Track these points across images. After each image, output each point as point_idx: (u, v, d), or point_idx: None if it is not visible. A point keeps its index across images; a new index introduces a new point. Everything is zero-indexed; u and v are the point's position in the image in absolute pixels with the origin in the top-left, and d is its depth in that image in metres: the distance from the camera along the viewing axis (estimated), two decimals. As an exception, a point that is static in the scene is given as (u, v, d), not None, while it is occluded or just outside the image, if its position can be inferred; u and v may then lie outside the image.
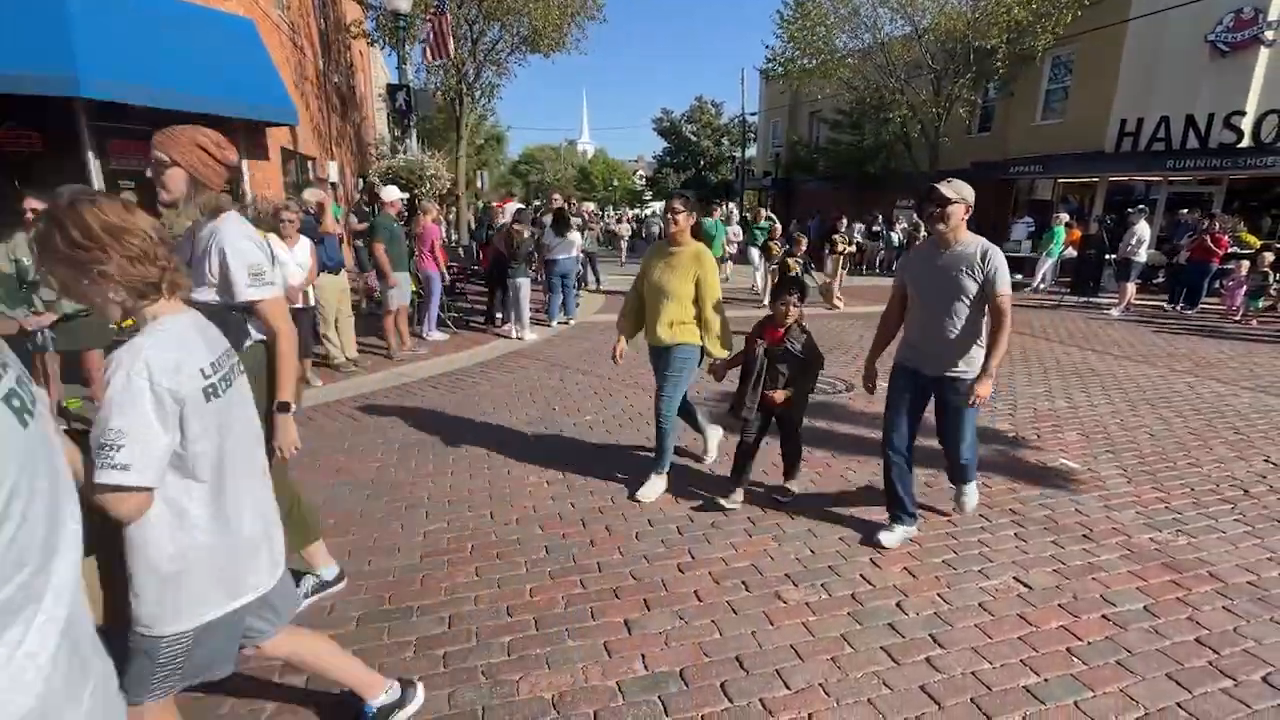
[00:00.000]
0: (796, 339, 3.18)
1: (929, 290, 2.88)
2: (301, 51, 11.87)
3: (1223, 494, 3.69)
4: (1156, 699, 2.12)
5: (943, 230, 2.75)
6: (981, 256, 2.71)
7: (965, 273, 2.73)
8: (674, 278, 3.35)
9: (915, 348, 2.99)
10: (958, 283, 2.75)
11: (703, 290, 3.33)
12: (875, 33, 16.85)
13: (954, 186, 2.72)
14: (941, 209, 2.71)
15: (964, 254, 2.75)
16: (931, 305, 2.86)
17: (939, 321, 2.83)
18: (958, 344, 2.82)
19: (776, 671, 2.23)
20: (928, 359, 2.92)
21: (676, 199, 3.38)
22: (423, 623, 2.47)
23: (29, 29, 6.20)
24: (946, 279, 2.78)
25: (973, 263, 2.72)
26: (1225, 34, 12.88)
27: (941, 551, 3.03)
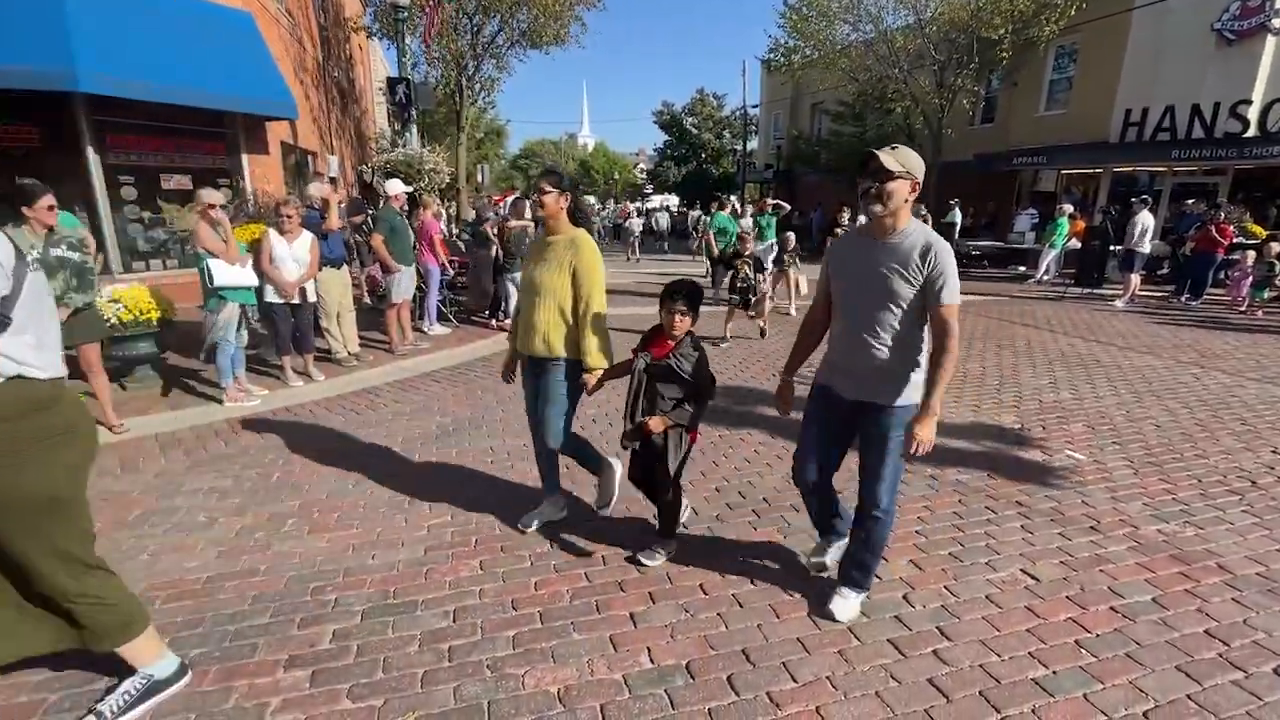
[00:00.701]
0: (686, 357, 2.55)
1: (854, 291, 2.23)
2: (301, 45, 11.81)
3: (1230, 485, 3.67)
4: (1166, 691, 2.10)
5: (879, 213, 2.08)
6: (923, 254, 2.06)
7: (900, 273, 2.09)
8: (546, 271, 2.75)
9: (834, 365, 2.38)
10: (889, 285, 2.10)
11: (578, 285, 2.71)
12: (877, 23, 16.72)
13: (898, 155, 2.05)
14: (880, 185, 2.05)
15: (901, 248, 2.10)
16: (855, 312, 2.23)
17: (863, 334, 2.18)
18: (886, 366, 2.18)
19: (783, 664, 2.21)
20: (848, 381, 2.30)
21: (545, 177, 2.78)
22: (427, 617, 2.46)
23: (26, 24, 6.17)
24: (876, 279, 2.13)
25: (910, 260, 2.07)
26: (1232, 22, 12.74)
27: (947, 544, 3.01)
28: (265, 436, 4.30)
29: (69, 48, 6.16)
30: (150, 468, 3.80)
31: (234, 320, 4.64)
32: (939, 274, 2.05)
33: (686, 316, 2.56)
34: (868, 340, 2.18)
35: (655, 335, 2.66)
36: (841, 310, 2.32)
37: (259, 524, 3.16)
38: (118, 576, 1.96)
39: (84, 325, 4.03)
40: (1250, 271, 9.92)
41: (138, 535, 3.03)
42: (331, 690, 2.08)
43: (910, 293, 2.10)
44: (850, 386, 2.30)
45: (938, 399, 2.10)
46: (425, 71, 15.42)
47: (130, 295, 4.83)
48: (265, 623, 2.41)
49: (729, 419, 4.68)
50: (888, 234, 2.14)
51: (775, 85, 26.25)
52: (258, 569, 2.77)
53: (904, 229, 2.12)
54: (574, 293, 2.73)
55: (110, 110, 7.09)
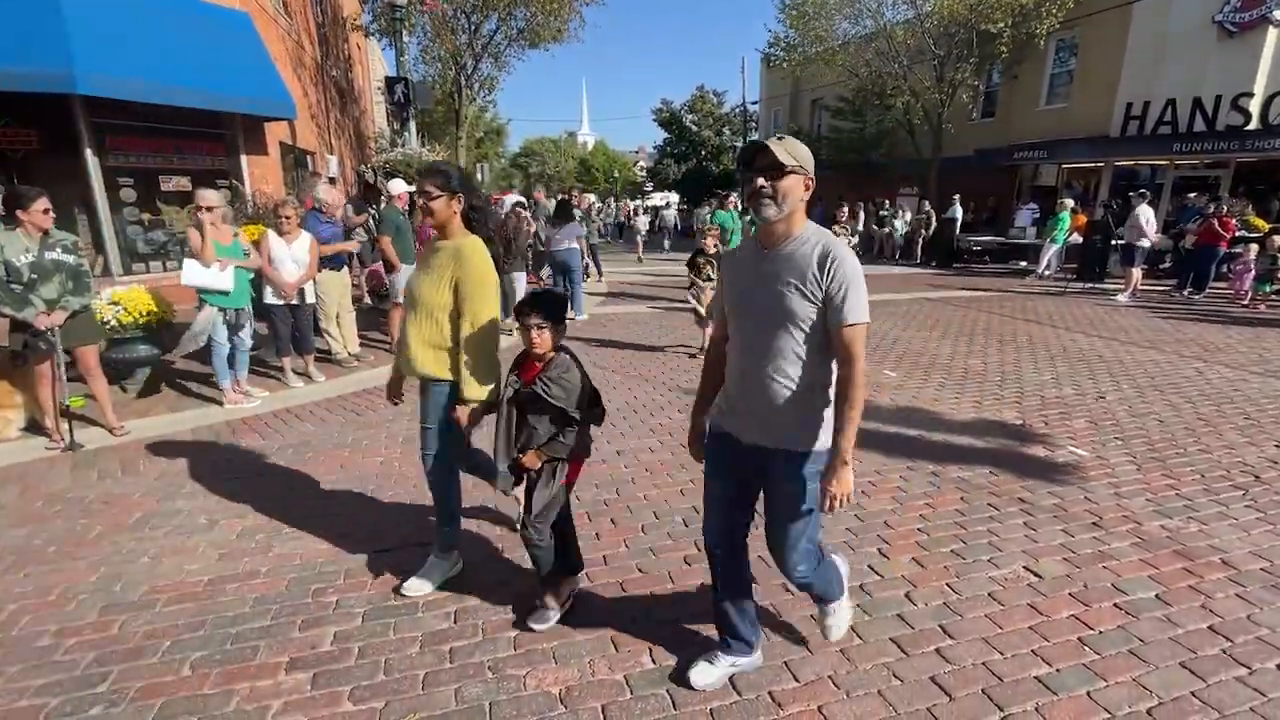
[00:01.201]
0: (555, 380, 2.18)
1: (746, 312, 1.85)
2: (299, 44, 11.78)
3: (1234, 480, 3.66)
4: (1170, 688, 2.09)
5: (774, 216, 1.71)
6: (821, 262, 1.70)
7: (798, 288, 1.72)
8: (425, 284, 2.40)
9: (731, 404, 1.95)
10: (785, 304, 1.73)
11: (460, 300, 2.33)
12: (877, 18, 16.67)
13: (790, 147, 1.70)
14: (772, 182, 1.68)
15: (796, 258, 1.73)
16: (750, 337, 1.84)
17: (761, 364, 1.80)
18: (790, 403, 1.79)
19: (785, 664, 2.21)
20: (746, 422, 1.89)
21: (429, 178, 2.37)
22: (428, 618, 2.45)
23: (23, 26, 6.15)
24: (770, 297, 1.76)
25: (807, 272, 1.71)
26: (1233, 14, 12.68)
27: (949, 541, 3.00)
28: (266, 438, 4.30)
29: (67, 49, 6.14)
30: (151, 470, 3.80)
31: (212, 323, 4.56)
32: (840, 286, 1.68)
33: (545, 330, 2.18)
34: (766, 371, 1.79)
35: (525, 357, 2.28)
36: (735, 336, 1.90)
37: (260, 526, 3.15)
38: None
39: (81, 328, 4.03)
40: (1252, 265, 9.89)
41: (138, 538, 3.03)
42: (333, 692, 2.08)
43: (812, 312, 1.72)
44: (749, 429, 1.89)
45: (849, 443, 1.72)
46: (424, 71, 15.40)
47: (129, 297, 4.82)
48: (266, 625, 2.41)
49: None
50: (780, 242, 1.76)
51: (775, 81, 26.20)
52: (259, 571, 2.76)
53: (798, 235, 1.76)
54: (455, 308, 2.36)
55: (109, 112, 7.08)
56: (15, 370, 4.05)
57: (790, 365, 1.77)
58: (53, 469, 3.79)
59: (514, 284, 7.36)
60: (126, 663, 2.20)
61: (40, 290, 3.78)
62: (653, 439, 4.27)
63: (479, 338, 2.35)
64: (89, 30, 6.44)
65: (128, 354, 4.93)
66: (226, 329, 4.62)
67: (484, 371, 2.38)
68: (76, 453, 3.99)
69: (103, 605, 2.52)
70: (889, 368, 6.04)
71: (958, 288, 11.62)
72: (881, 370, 5.94)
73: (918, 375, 5.80)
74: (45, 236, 3.82)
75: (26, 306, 3.73)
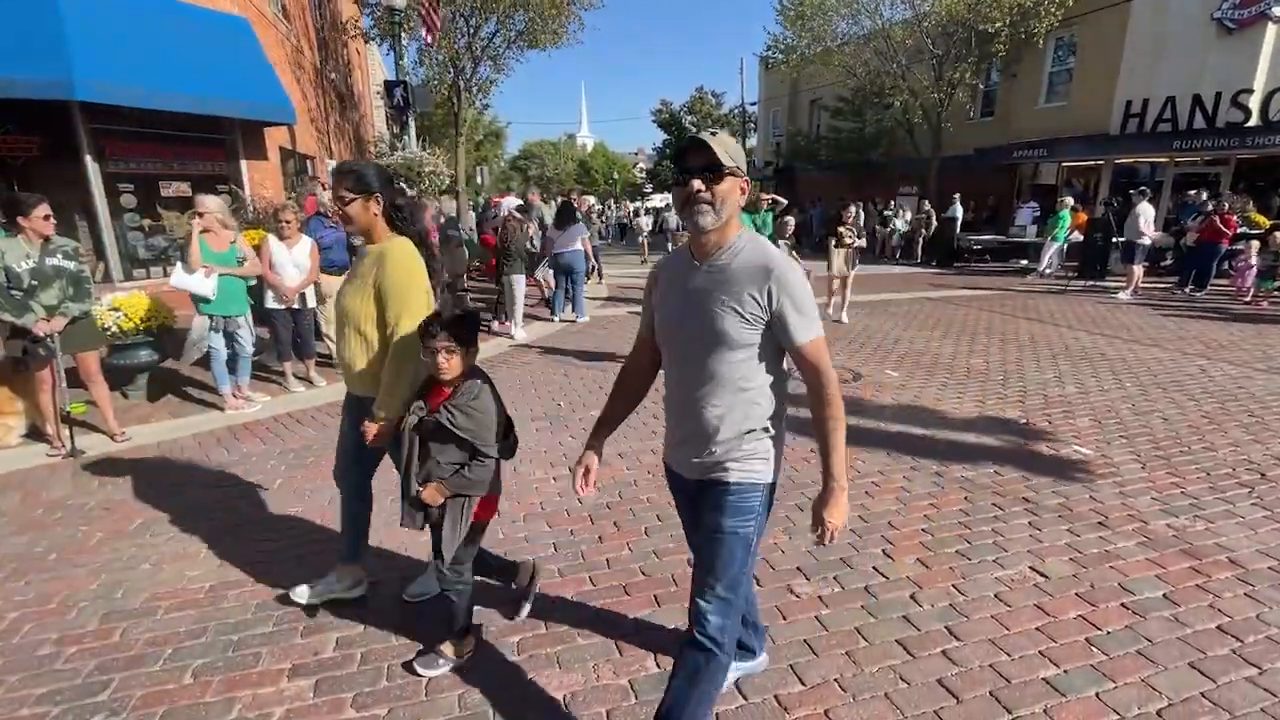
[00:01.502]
0: (461, 407, 1.97)
1: (676, 333, 1.64)
2: (298, 49, 11.80)
3: (1239, 478, 3.64)
4: (1180, 689, 2.08)
5: (710, 225, 1.51)
6: (759, 280, 1.49)
7: (732, 308, 1.51)
8: (350, 293, 2.22)
9: (670, 434, 1.78)
10: (717, 324, 1.52)
11: (384, 308, 2.14)
12: (875, 18, 16.67)
13: (725, 144, 1.48)
14: (710, 186, 1.48)
15: (730, 273, 1.53)
16: (680, 359, 1.64)
17: (692, 390, 1.61)
18: (724, 434, 1.59)
19: (790, 667, 2.19)
20: (684, 454, 1.69)
21: (342, 179, 2.16)
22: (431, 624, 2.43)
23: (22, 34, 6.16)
24: (701, 315, 1.55)
25: (742, 290, 1.50)
26: (1232, 11, 12.68)
27: (954, 542, 2.99)
28: (267, 443, 4.28)
29: (66, 57, 6.15)
30: (152, 476, 3.78)
31: (205, 330, 4.57)
32: (784, 304, 1.49)
33: (454, 354, 1.95)
34: (699, 400, 1.59)
35: (432, 382, 2.06)
36: (666, 360, 1.72)
37: (262, 532, 3.14)
38: None
39: (81, 334, 4.02)
40: (1254, 262, 9.86)
41: (139, 545, 3.02)
42: (335, 699, 2.06)
43: (748, 334, 1.51)
44: (685, 462, 1.69)
45: (841, 465, 1.55)
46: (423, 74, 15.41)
47: (130, 303, 4.82)
48: (269, 631, 2.39)
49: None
50: (712, 253, 1.56)
51: (773, 82, 26.22)
52: (260, 577, 2.75)
53: (732, 245, 1.55)
54: (379, 318, 2.16)
55: (108, 118, 7.08)
56: (16, 377, 4.04)
57: (727, 393, 1.57)
58: (53, 476, 3.79)
59: (513, 286, 7.36)
60: (128, 670, 2.19)
61: (40, 296, 3.78)
62: (655, 440, 4.26)
63: (399, 347, 2.10)
64: (88, 37, 6.45)
65: (128, 360, 4.92)
66: (224, 336, 4.62)
67: (404, 384, 2.12)
68: (77, 459, 3.98)
69: (104, 612, 2.51)
70: (891, 367, 6.03)
71: (959, 287, 11.60)
72: (884, 370, 5.92)
73: (920, 375, 5.79)
74: (46, 243, 3.81)
75: (26, 313, 3.72)
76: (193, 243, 4.41)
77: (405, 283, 2.15)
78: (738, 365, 1.56)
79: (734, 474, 1.62)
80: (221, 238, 4.61)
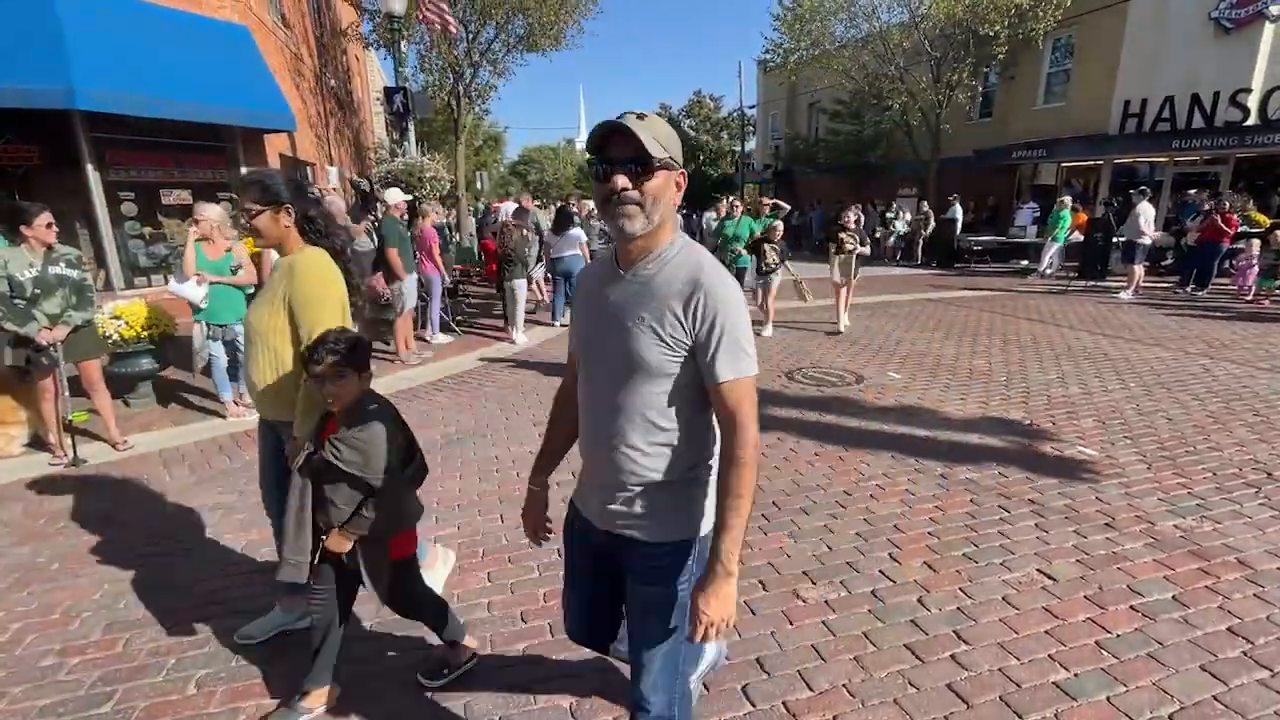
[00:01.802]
0: (349, 440, 1.77)
1: (590, 355, 1.38)
2: (298, 56, 11.84)
3: (1246, 478, 3.62)
4: (1191, 692, 2.06)
5: (638, 230, 1.23)
6: (685, 294, 1.22)
7: (652, 328, 1.24)
8: (259, 309, 2.06)
9: (582, 473, 1.51)
10: (634, 346, 1.25)
11: (296, 323, 1.98)
12: (872, 21, 16.71)
13: (655, 129, 1.20)
14: (635, 182, 1.19)
15: (655, 284, 1.26)
16: (594, 389, 1.38)
17: (604, 425, 1.34)
18: (644, 482, 1.32)
19: (798, 673, 2.18)
20: (594, 499, 1.43)
21: (247, 191, 2.00)
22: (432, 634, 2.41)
23: (23, 43, 6.18)
24: (619, 336, 1.28)
25: (664, 307, 1.23)
26: (1229, 10, 12.69)
27: (961, 544, 2.97)
28: (269, 450, 4.27)
29: (66, 65, 6.16)
30: (154, 484, 3.77)
31: (203, 338, 4.63)
32: (711, 328, 1.20)
33: (341, 380, 1.74)
34: (613, 438, 1.31)
35: (328, 415, 1.86)
36: (581, 386, 1.43)
37: (265, 539, 3.12)
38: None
39: (84, 342, 4.02)
40: (1255, 261, 9.85)
41: (141, 554, 3.00)
42: (340, 710, 2.04)
43: (667, 361, 1.24)
44: (598, 510, 1.41)
45: (733, 546, 1.23)
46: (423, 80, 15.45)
47: (131, 311, 4.82)
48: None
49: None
50: (636, 260, 1.28)
51: (772, 86, 26.25)
52: (264, 585, 2.74)
53: (662, 250, 1.28)
54: (292, 333, 1.99)
55: (109, 127, 7.10)
56: (19, 386, 4.04)
57: (640, 432, 1.28)
58: (56, 485, 3.78)
59: (514, 291, 7.35)
60: (131, 681, 2.18)
61: (43, 305, 3.77)
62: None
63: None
64: (89, 46, 6.46)
65: (130, 368, 4.92)
66: (224, 344, 4.63)
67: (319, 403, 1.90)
68: (80, 468, 3.97)
69: (106, 623, 2.49)
70: (893, 369, 6.02)
71: (959, 288, 11.59)
72: (886, 372, 5.91)
73: (922, 376, 5.77)
74: (49, 251, 3.81)
75: (29, 322, 3.72)
76: (187, 250, 4.44)
77: (318, 294, 1.99)
78: (655, 398, 1.27)
79: (650, 531, 1.33)
80: (218, 246, 4.62)
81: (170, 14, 7.69)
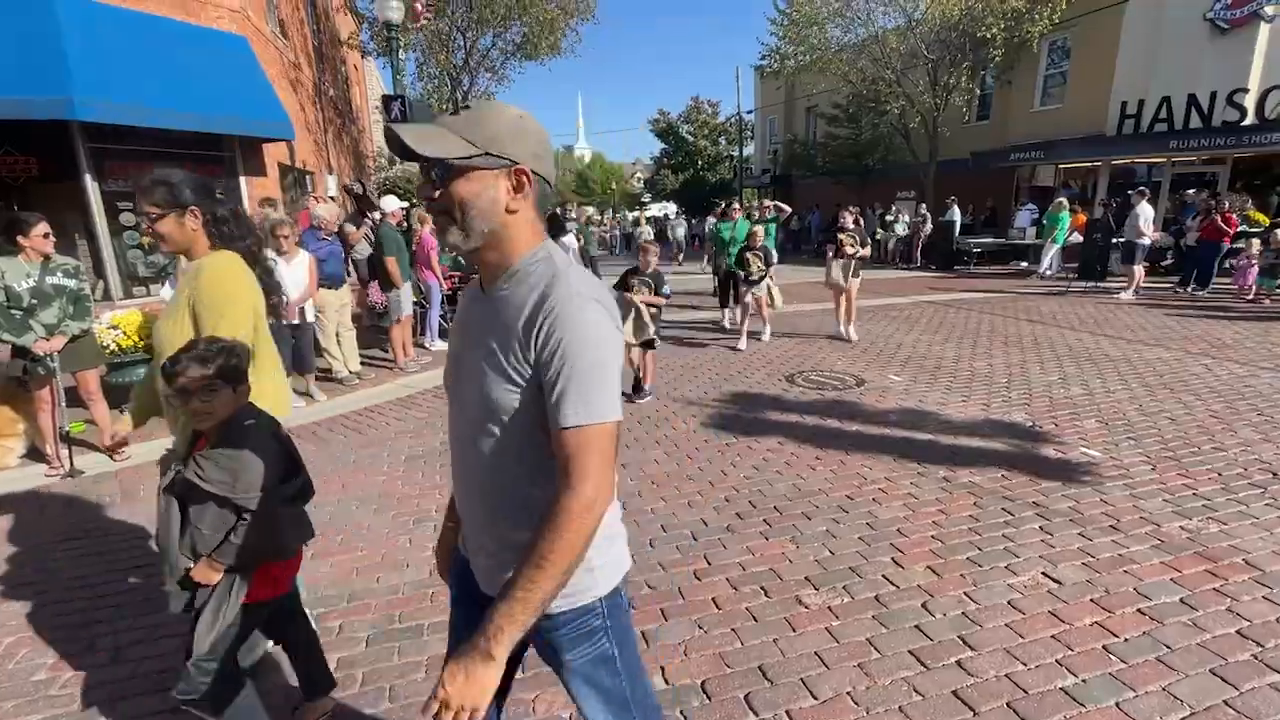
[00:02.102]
0: (214, 459, 1.59)
1: (451, 388, 1.21)
2: (297, 65, 11.88)
3: (1251, 478, 3.59)
4: (1202, 697, 2.02)
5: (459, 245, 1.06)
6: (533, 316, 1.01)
7: (498, 358, 1.05)
8: (166, 319, 1.91)
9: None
10: (481, 376, 1.07)
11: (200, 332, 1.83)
12: (868, 26, 16.77)
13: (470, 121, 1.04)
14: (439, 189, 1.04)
15: (509, 306, 1.06)
16: (455, 423, 1.19)
17: (465, 471, 1.17)
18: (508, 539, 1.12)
19: (802, 680, 2.14)
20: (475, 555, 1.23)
21: (146, 195, 1.86)
22: (434, 641, 2.39)
23: (22, 54, 6.19)
24: (472, 361, 1.10)
25: (512, 330, 1.04)
26: (1224, 11, 12.73)
27: (965, 548, 2.94)
28: (267, 459, 4.25)
29: (65, 76, 6.17)
30: (151, 495, 3.74)
31: None
32: (553, 357, 0.98)
33: (210, 395, 1.57)
34: (473, 487, 1.15)
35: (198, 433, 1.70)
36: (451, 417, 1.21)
37: (261, 549, 3.10)
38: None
39: (81, 353, 4.00)
40: (1255, 260, 9.84)
41: (138, 566, 2.98)
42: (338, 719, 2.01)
43: (509, 397, 1.03)
44: (478, 564, 1.22)
45: (504, 623, 0.96)
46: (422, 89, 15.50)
47: (128, 321, 4.81)
48: (270, 651, 2.35)
49: (737, 425, 4.62)
50: (494, 279, 1.10)
51: (769, 90, 26.34)
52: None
53: (517, 267, 1.07)
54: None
55: (107, 137, 7.11)
56: (16, 397, 4.02)
57: (503, 481, 1.09)
58: (52, 496, 3.75)
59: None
60: (126, 698, 2.14)
61: (40, 315, 3.76)
62: (658, 450, 4.22)
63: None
64: (87, 56, 6.48)
65: (127, 378, 4.89)
66: None
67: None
68: (76, 479, 3.94)
69: (101, 637, 2.46)
70: (894, 372, 5.99)
71: (959, 290, 11.57)
72: (887, 375, 5.88)
73: (924, 379, 5.74)
74: (46, 261, 3.80)
75: (26, 332, 3.70)
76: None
77: (223, 297, 1.84)
78: (510, 440, 1.06)
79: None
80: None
81: (169, 24, 7.72)
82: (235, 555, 1.60)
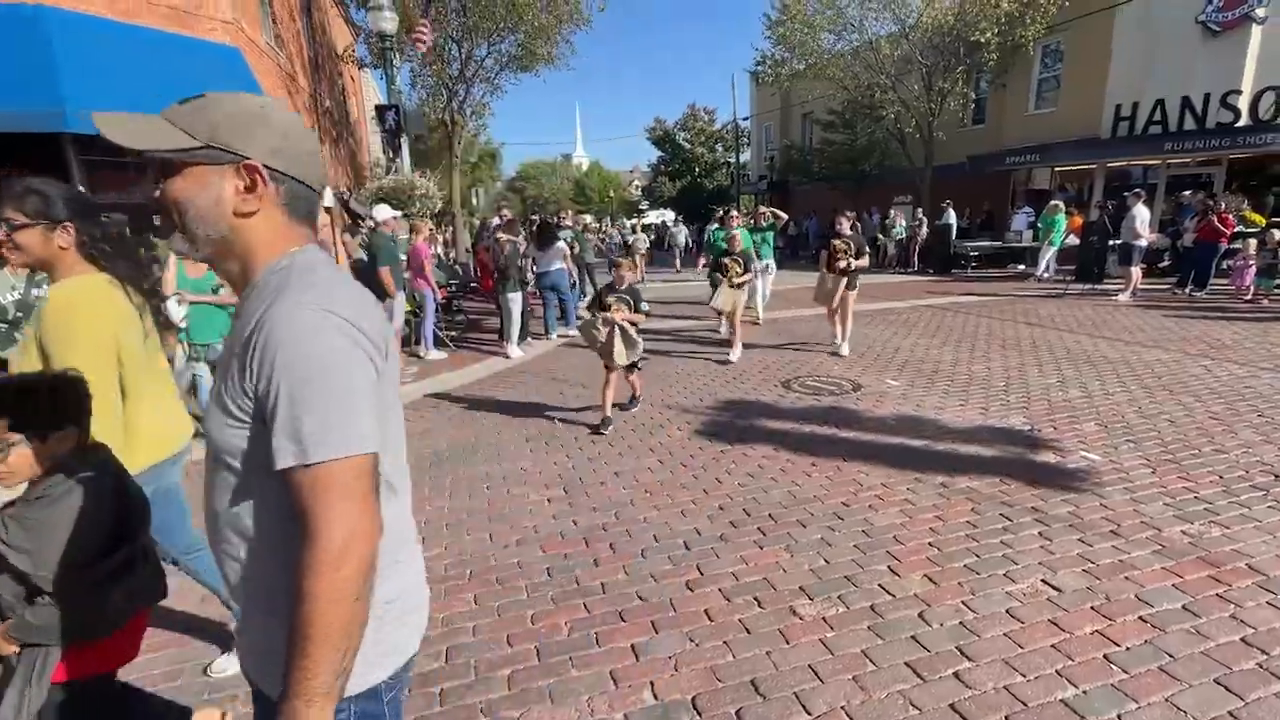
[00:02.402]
0: (20, 519, 1.36)
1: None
2: (293, 78, 11.90)
3: (1253, 480, 3.53)
4: (1207, 707, 1.97)
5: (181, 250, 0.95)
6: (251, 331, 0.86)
7: (221, 385, 0.91)
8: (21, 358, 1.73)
9: None
10: (210, 416, 0.94)
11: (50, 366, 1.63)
12: (861, 32, 16.85)
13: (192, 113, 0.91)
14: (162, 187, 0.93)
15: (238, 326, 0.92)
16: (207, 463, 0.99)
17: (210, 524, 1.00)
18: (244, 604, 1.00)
19: (795, 695, 2.09)
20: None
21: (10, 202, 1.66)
22: (418, 658, 2.33)
23: (12, 65, 6.19)
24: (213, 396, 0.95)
25: (233, 354, 0.89)
26: (1215, 14, 12.79)
27: (962, 555, 2.88)
28: (257, 471, 4.20)
29: (56, 88, 6.18)
30: (138, 509, 3.70)
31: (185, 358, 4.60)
32: (269, 382, 0.83)
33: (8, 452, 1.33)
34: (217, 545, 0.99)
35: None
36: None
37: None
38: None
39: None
40: (1252, 260, 9.82)
41: (121, 581, 2.92)
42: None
43: (234, 436, 0.90)
44: (239, 643, 1.13)
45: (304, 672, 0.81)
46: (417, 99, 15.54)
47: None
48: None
49: (731, 432, 4.57)
50: (241, 287, 0.97)
51: (765, 97, 26.44)
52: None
53: (260, 281, 0.94)
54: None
55: (99, 149, 7.11)
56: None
57: (234, 542, 0.94)
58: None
59: (510, 305, 7.31)
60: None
61: (25, 328, 3.72)
62: (651, 459, 4.17)
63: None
64: (80, 69, 6.49)
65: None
66: (205, 364, 4.57)
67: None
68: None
69: (79, 655, 2.41)
70: (891, 377, 5.94)
71: (957, 294, 11.55)
72: (884, 380, 5.83)
73: (921, 383, 5.70)
74: (32, 274, 3.76)
75: (10, 345, 3.66)
76: (169, 268, 4.40)
77: (70, 332, 1.60)
78: (240, 490, 0.91)
79: (272, 685, 0.89)
80: (200, 265, 4.58)
81: (162, 37, 7.75)
82: (26, 632, 1.35)
